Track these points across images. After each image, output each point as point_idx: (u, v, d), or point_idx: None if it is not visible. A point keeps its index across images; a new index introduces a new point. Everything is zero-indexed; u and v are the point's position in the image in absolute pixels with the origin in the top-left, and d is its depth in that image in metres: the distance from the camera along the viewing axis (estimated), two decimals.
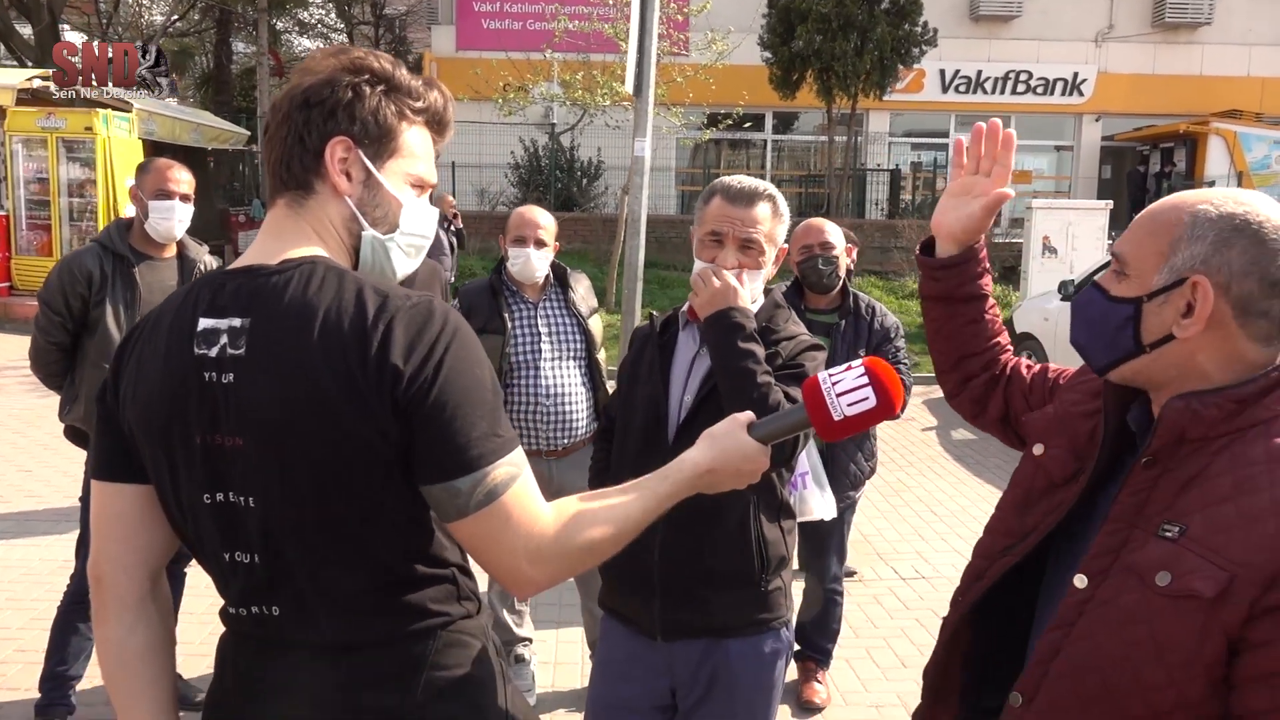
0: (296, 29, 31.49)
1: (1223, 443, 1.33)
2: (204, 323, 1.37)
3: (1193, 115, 21.28)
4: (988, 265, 1.84)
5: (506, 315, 3.80)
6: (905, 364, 3.90)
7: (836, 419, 1.50)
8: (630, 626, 2.40)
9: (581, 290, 4.00)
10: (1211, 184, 17.06)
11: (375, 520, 1.35)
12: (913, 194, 21.86)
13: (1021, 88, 22.87)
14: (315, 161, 1.41)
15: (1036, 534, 1.52)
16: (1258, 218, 1.32)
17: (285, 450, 1.31)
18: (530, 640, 4.17)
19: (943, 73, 22.47)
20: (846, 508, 4.06)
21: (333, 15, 31.80)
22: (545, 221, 3.82)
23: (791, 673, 3.95)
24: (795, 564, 3.82)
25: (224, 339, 1.35)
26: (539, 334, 3.82)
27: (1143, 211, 1.44)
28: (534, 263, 3.80)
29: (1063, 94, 22.96)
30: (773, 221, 2.28)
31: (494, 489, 1.30)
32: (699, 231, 2.31)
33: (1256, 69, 22.94)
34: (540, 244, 3.79)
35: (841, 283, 3.94)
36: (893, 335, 3.93)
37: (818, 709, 4.07)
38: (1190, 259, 1.33)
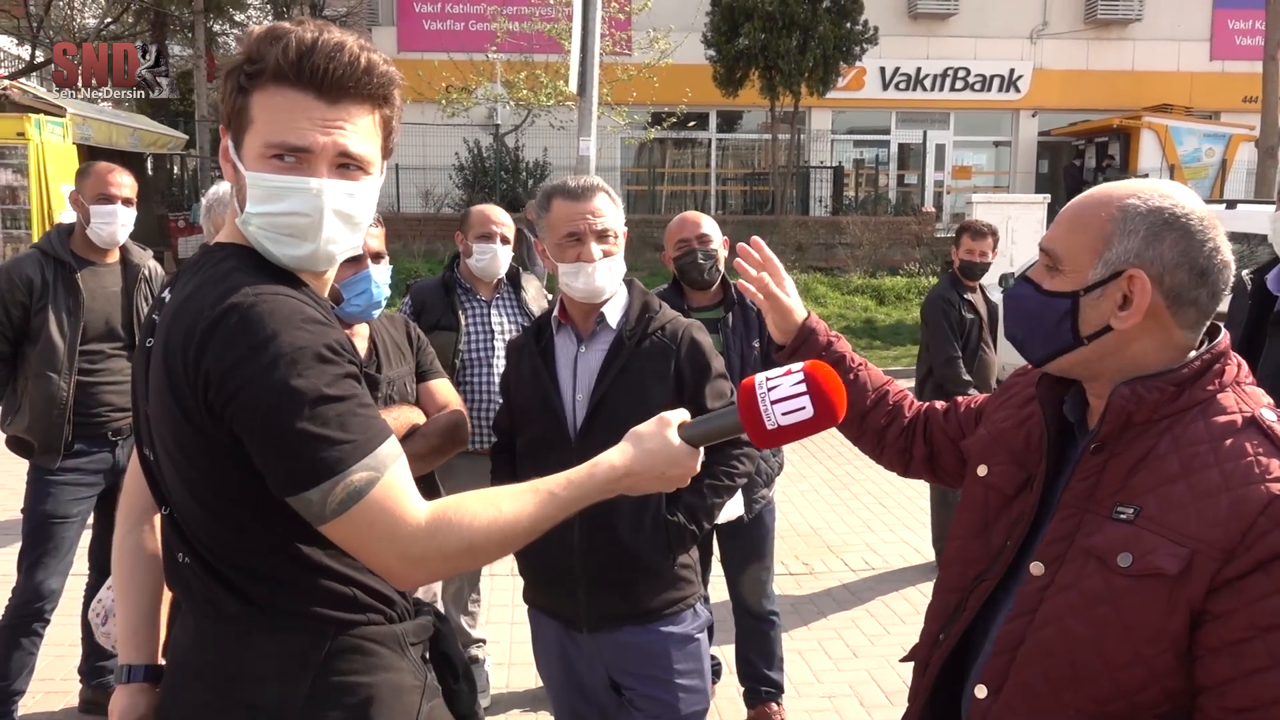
0: (234, 31, 31.00)
1: (1165, 424, 1.38)
2: (168, 293, 1.44)
3: (1125, 110, 21.76)
4: (829, 331, 1.92)
5: (460, 313, 3.81)
6: None
7: (769, 428, 1.41)
8: (558, 620, 2.46)
9: (533, 290, 4.03)
10: (1145, 176, 17.42)
11: (242, 505, 1.35)
12: (856, 191, 22.12)
13: (960, 84, 23.23)
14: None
15: (1009, 551, 1.51)
16: (1184, 210, 1.37)
17: (160, 425, 1.37)
18: (484, 641, 4.16)
19: (883, 70, 22.74)
20: (765, 509, 3.75)
21: (270, 18, 31.37)
22: (507, 220, 3.87)
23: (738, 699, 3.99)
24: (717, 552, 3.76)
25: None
26: (492, 331, 3.84)
27: (1069, 205, 1.47)
28: (500, 258, 3.83)
29: (1000, 90, 23.36)
30: (614, 208, 2.44)
31: (349, 496, 1.26)
32: (552, 237, 2.40)
33: (1185, 64, 23.52)
34: (505, 240, 3.83)
35: (721, 276, 3.68)
36: None
37: None
38: (1124, 253, 1.37)
